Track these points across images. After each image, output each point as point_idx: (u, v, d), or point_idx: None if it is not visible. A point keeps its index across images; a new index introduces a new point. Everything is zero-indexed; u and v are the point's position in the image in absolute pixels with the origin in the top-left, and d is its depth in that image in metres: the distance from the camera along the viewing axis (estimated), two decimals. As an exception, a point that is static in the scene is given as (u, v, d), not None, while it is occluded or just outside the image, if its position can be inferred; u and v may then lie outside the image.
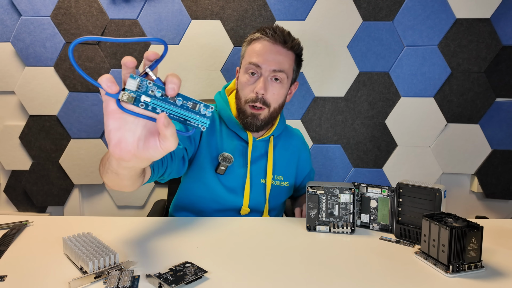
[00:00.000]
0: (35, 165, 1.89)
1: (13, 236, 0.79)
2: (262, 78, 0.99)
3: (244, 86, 1.02)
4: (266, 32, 1.00)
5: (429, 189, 0.80)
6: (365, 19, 1.80)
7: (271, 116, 1.04)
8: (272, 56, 0.99)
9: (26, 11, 1.77)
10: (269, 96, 1.01)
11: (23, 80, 1.82)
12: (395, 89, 1.85)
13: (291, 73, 1.05)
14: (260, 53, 0.99)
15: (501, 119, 1.84)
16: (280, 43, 1.00)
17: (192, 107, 0.52)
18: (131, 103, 0.50)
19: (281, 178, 1.12)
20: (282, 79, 1.01)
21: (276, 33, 0.99)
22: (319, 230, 0.87)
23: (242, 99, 1.03)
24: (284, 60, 1.01)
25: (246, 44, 1.06)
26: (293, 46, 1.02)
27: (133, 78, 0.49)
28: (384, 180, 1.91)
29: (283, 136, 1.16)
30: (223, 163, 1.04)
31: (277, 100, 1.03)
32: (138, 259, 0.70)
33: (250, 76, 1.01)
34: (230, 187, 1.05)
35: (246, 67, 1.02)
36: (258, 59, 0.99)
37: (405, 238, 0.83)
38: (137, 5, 1.78)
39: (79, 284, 0.60)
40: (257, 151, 1.09)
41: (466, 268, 0.66)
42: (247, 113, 1.02)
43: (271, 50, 0.99)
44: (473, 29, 1.78)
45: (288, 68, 1.02)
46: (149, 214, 1.27)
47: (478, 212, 1.97)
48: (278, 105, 1.05)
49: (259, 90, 0.98)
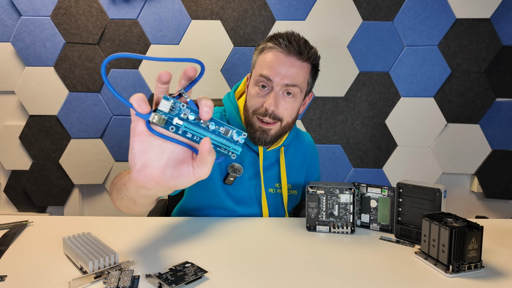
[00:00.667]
0: (35, 165, 1.89)
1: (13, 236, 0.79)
2: (273, 93, 0.90)
3: (254, 98, 0.94)
4: (280, 42, 0.90)
5: (429, 189, 0.80)
6: (365, 19, 1.80)
7: (282, 130, 0.96)
8: (285, 69, 0.90)
9: (26, 11, 1.77)
10: (281, 111, 0.92)
11: (23, 80, 1.82)
12: (395, 89, 1.85)
13: (305, 86, 0.95)
14: (272, 65, 0.90)
15: (501, 119, 1.84)
16: (295, 54, 0.90)
17: (224, 133, 0.49)
18: (162, 125, 0.47)
19: (289, 187, 1.08)
20: (295, 94, 0.92)
21: (291, 43, 0.90)
22: (319, 230, 0.87)
23: (250, 110, 0.95)
24: (298, 74, 0.91)
25: (257, 52, 0.97)
26: (309, 57, 0.92)
27: (167, 100, 0.47)
28: (384, 180, 1.91)
29: (293, 143, 1.11)
30: (232, 174, 1.00)
31: (290, 114, 0.95)
32: (138, 259, 0.70)
33: (260, 89, 0.93)
34: (239, 198, 1.02)
35: (257, 79, 0.93)
36: (270, 72, 0.90)
37: (405, 238, 0.83)
38: (137, 5, 1.78)
39: (79, 284, 0.60)
40: (267, 160, 1.05)
41: (466, 268, 0.66)
42: (256, 127, 0.94)
43: (284, 63, 0.90)
44: (473, 29, 1.78)
45: (302, 81, 0.93)
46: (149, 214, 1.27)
47: (478, 212, 1.97)
48: (292, 119, 0.97)
49: (269, 106, 0.90)
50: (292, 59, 0.90)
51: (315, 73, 0.99)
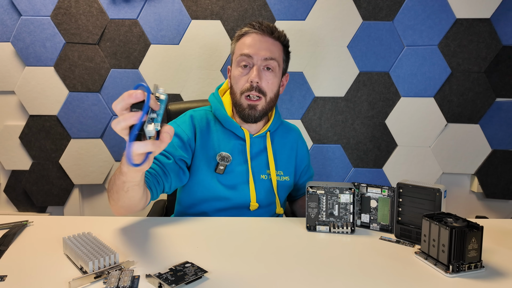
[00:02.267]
0: (35, 165, 1.89)
1: (13, 236, 0.79)
2: (255, 67, 1.01)
3: (238, 79, 1.04)
4: (253, 25, 1.03)
5: (429, 189, 0.80)
6: (365, 19, 1.80)
7: (268, 105, 1.06)
8: (263, 46, 1.02)
9: (26, 11, 1.77)
10: (264, 84, 1.03)
11: (23, 80, 1.82)
12: (395, 89, 1.85)
13: (281, 62, 1.07)
14: (251, 44, 1.02)
15: (501, 119, 1.84)
16: (268, 33, 1.03)
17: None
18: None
19: (281, 173, 1.12)
20: (274, 68, 1.04)
21: (263, 24, 1.04)
22: (319, 230, 0.87)
23: (238, 92, 1.05)
24: (274, 49, 1.04)
25: (234, 41, 1.09)
26: (280, 37, 1.05)
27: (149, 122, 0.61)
28: (384, 180, 1.91)
29: (279, 131, 1.17)
30: (222, 163, 1.05)
31: (272, 89, 1.05)
32: (138, 259, 0.70)
33: (243, 69, 1.03)
34: (230, 185, 1.05)
35: (238, 60, 1.04)
36: (249, 50, 1.02)
37: (405, 238, 0.83)
38: (137, 5, 1.78)
39: (79, 284, 0.60)
40: (255, 147, 1.09)
41: (466, 268, 0.66)
42: (244, 106, 1.04)
43: (261, 41, 1.02)
44: (473, 29, 1.78)
45: (278, 56, 1.05)
46: (149, 214, 1.27)
47: (478, 212, 1.97)
48: (274, 94, 1.07)
49: (254, 78, 1.00)
50: (266, 37, 1.03)
51: (287, 53, 1.11)
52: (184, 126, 1.06)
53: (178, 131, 1.04)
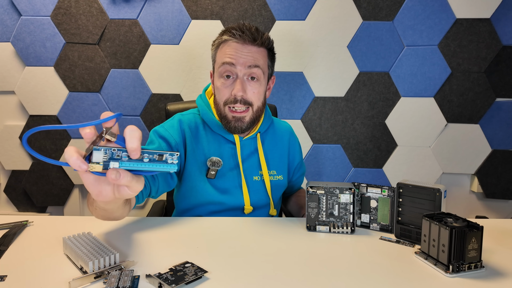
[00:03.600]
0: (35, 165, 1.89)
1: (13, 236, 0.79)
2: (239, 80, 0.96)
3: (221, 90, 0.99)
4: (234, 34, 0.96)
5: (429, 189, 0.80)
6: (365, 19, 1.80)
7: (255, 115, 1.02)
8: (244, 55, 0.96)
9: (26, 11, 1.77)
10: (249, 96, 0.98)
11: (23, 80, 1.82)
12: (395, 89, 1.85)
13: (266, 68, 1.02)
14: (232, 54, 0.96)
15: (501, 119, 1.84)
16: (250, 42, 0.97)
17: (158, 159, 0.54)
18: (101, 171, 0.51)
19: (274, 172, 1.11)
20: (258, 76, 0.98)
21: (244, 32, 0.96)
22: (319, 230, 0.87)
23: (221, 103, 1.00)
24: (257, 57, 0.98)
25: (214, 48, 1.03)
26: (263, 42, 0.98)
27: (98, 150, 0.51)
28: (384, 180, 1.91)
29: (270, 130, 1.15)
30: (213, 168, 1.03)
31: (259, 98, 1.01)
32: (138, 259, 0.70)
33: (225, 80, 0.98)
34: (223, 189, 1.04)
35: (220, 70, 0.98)
36: (231, 59, 0.96)
37: (405, 238, 0.83)
38: (137, 5, 1.78)
39: (79, 284, 0.60)
40: (246, 149, 1.08)
41: (466, 268, 0.66)
42: (229, 118, 1.00)
43: (242, 50, 0.96)
44: (473, 29, 1.78)
45: (263, 63, 0.99)
46: (148, 214, 1.27)
47: (478, 212, 1.97)
48: (261, 103, 1.03)
49: (237, 92, 0.96)
50: (248, 46, 0.97)
51: (272, 56, 1.05)
52: (172, 131, 1.02)
53: (166, 135, 1.00)
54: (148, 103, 1.86)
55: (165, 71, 1.83)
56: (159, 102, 1.85)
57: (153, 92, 1.85)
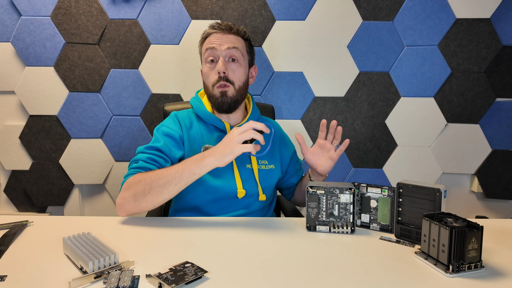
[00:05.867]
0: (35, 165, 1.89)
1: (13, 236, 0.79)
2: (221, 58, 1.10)
3: (208, 74, 1.12)
4: (213, 26, 1.14)
5: (429, 189, 0.80)
6: (365, 19, 1.80)
7: (238, 93, 1.12)
8: (224, 40, 1.11)
9: (26, 11, 1.77)
10: (230, 74, 1.10)
11: (23, 80, 1.82)
12: (395, 89, 1.85)
13: (245, 53, 1.16)
14: (213, 41, 1.11)
15: (501, 119, 1.84)
16: (227, 30, 1.13)
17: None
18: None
19: (265, 162, 1.18)
20: (238, 58, 1.12)
21: (221, 24, 1.14)
22: (319, 230, 0.87)
23: (209, 86, 1.12)
24: (235, 41, 1.13)
25: (200, 44, 1.18)
26: (239, 32, 1.14)
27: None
28: (384, 180, 1.91)
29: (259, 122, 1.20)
30: None
31: (239, 78, 1.12)
32: (138, 259, 0.70)
33: (210, 64, 1.12)
34: (217, 174, 1.09)
35: (205, 56, 1.12)
36: (213, 44, 1.11)
37: (405, 238, 0.83)
38: (137, 5, 1.78)
39: (79, 284, 0.60)
40: None
41: (466, 268, 0.66)
42: (216, 95, 1.11)
43: (222, 37, 1.12)
44: (473, 29, 1.78)
45: (241, 47, 1.13)
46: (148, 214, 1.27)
47: (478, 212, 1.97)
48: (242, 83, 1.14)
49: (220, 68, 1.08)
50: (226, 34, 1.13)
51: (250, 47, 1.20)
52: (173, 126, 1.12)
53: (168, 131, 1.10)
54: (148, 103, 1.86)
55: (165, 71, 1.83)
56: (159, 102, 1.85)
57: (153, 92, 1.85)
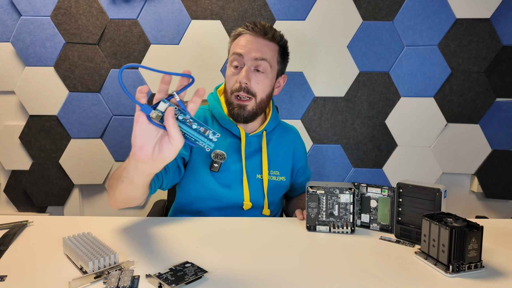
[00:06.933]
0: (35, 165, 1.89)
1: (13, 236, 0.79)
2: (245, 68, 1.02)
3: (230, 78, 1.06)
4: (247, 26, 1.05)
5: (429, 189, 0.80)
6: (365, 19, 1.80)
7: (258, 106, 1.06)
8: (254, 46, 1.03)
9: (26, 11, 1.77)
10: (253, 85, 1.03)
11: (23, 80, 1.82)
12: (395, 89, 1.85)
13: (274, 63, 1.06)
14: (243, 44, 1.03)
15: (501, 119, 1.84)
16: (261, 35, 1.03)
17: (203, 131, 0.65)
18: (158, 120, 0.64)
19: (277, 173, 1.12)
20: (265, 69, 1.03)
21: (257, 25, 1.04)
22: (319, 230, 0.87)
23: (228, 91, 1.06)
24: (265, 50, 1.03)
25: (230, 40, 1.11)
26: (274, 37, 1.05)
27: (164, 102, 0.64)
28: (384, 180, 1.91)
29: (276, 131, 1.17)
30: (216, 160, 1.05)
31: (263, 90, 1.05)
32: (138, 259, 0.70)
33: (234, 68, 1.04)
34: (226, 183, 1.06)
35: (231, 60, 1.06)
36: (241, 50, 1.03)
37: (405, 238, 0.83)
38: (137, 5, 1.78)
39: (79, 284, 0.60)
40: (251, 146, 1.10)
41: (466, 268, 0.66)
42: (234, 104, 1.05)
43: (252, 41, 1.03)
44: (473, 29, 1.78)
45: (270, 58, 1.04)
46: (149, 214, 1.27)
47: (478, 212, 1.97)
48: (266, 96, 1.06)
49: (242, 79, 1.01)
50: (259, 39, 1.04)
51: (283, 54, 1.10)
52: None
53: None
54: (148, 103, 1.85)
55: (165, 71, 1.83)
56: (159, 102, 1.85)
57: (154, 92, 1.85)
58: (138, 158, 0.66)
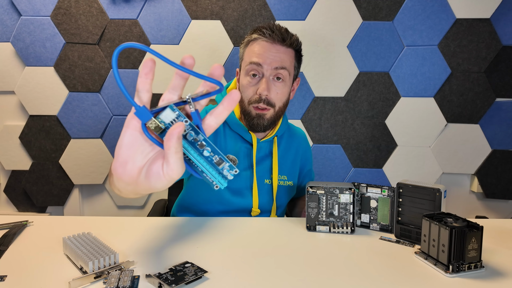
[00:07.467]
0: (35, 165, 1.89)
1: (13, 236, 0.79)
2: (264, 78, 0.97)
3: (246, 88, 1.00)
4: (264, 33, 0.97)
5: (429, 189, 0.80)
6: (365, 19, 1.80)
7: (276, 115, 1.03)
8: (272, 55, 0.97)
9: (26, 11, 1.77)
10: (273, 96, 0.99)
11: (23, 80, 1.82)
12: (395, 89, 1.85)
13: (292, 70, 1.02)
14: (260, 53, 0.97)
15: (501, 119, 1.84)
16: (279, 41, 0.97)
17: (217, 162, 0.46)
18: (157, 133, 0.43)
19: (285, 178, 1.11)
20: (284, 77, 0.99)
21: (274, 32, 0.97)
22: (319, 230, 0.87)
23: (246, 101, 1.01)
24: (284, 58, 0.98)
25: (243, 45, 1.04)
26: (292, 43, 1.00)
27: (172, 110, 0.43)
28: (384, 180, 1.91)
29: (286, 135, 1.16)
30: None
31: (281, 99, 1.01)
32: (138, 259, 0.70)
33: (252, 78, 0.99)
34: (235, 189, 1.04)
35: (247, 69, 0.99)
36: (259, 58, 0.97)
37: (405, 238, 0.83)
38: (137, 5, 1.78)
39: (79, 284, 0.60)
40: (261, 152, 1.08)
41: (466, 268, 0.66)
42: (253, 115, 1.00)
43: (271, 50, 0.97)
44: (473, 29, 1.78)
45: (289, 65, 1.00)
46: (149, 214, 1.27)
47: (478, 212, 1.97)
48: (283, 104, 1.03)
49: (262, 91, 0.96)
50: (277, 46, 0.98)
51: (299, 58, 1.06)
52: None
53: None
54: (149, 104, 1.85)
55: (165, 72, 1.83)
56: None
57: (154, 93, 1.85)
58: (118, 176, 0.47)
